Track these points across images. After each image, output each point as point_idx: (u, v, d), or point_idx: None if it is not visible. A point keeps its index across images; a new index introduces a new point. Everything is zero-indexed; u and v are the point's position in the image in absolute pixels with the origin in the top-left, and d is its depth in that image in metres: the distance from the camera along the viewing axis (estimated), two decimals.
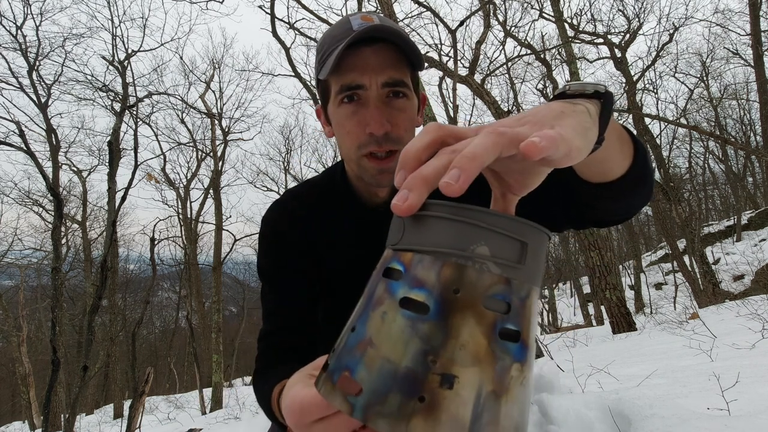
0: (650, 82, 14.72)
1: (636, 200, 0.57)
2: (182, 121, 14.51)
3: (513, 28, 10.96)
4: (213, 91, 14.43)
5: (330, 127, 0.73)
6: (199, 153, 15.06)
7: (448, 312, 0.29)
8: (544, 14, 10.73)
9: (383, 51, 0.64)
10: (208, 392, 10.09)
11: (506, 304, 0.30)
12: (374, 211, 0.78)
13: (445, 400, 0.28)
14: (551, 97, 0.46)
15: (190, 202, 15.49)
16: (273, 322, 0.77)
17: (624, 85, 11.87)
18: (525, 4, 10.88)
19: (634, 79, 11.70)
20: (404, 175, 0.29)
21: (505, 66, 12.38)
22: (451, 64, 8.38)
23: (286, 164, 17.51)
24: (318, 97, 0.75)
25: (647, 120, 11.53)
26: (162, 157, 14.69)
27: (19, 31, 9.46)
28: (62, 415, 8.94)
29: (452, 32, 8.17)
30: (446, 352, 0.28)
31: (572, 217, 0.65)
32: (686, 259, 12.34)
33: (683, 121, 14.19)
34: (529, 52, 11.10)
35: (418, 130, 0.75)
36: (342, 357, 0.32)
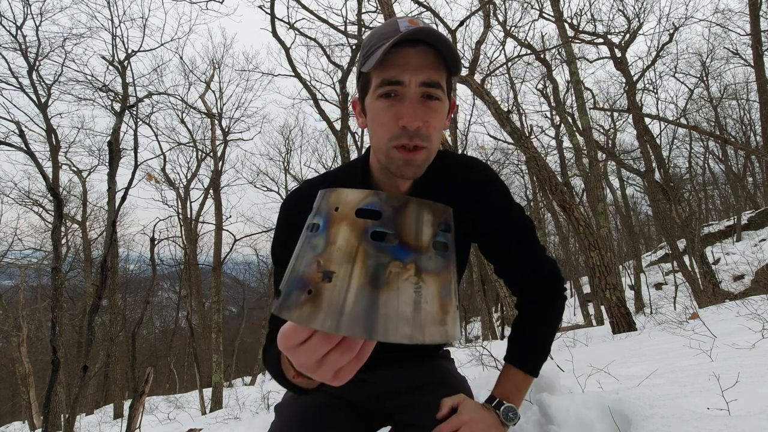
0: (650, 82, 14.73)
1: None
2: (182, 121, 14.54)
3: (513, 28, 10.97)
4: (213, 91, 14.44)
5: (364, 118, 0.77)
6: (199, 153, 15.08)
7: (330, 225, 0.38)
8: (544, 14, 10.73)
9: (424, 53, 0.68)
10: (208, 392, 10.09)
11: (376, 212, 0.37)
12: None
13: (325, 291, 0.35)
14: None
15: (190, 202, 15.50)
16: None
17: (624, 85, 11.87)
18: (525, 4, 10.89)
19: (634, 79, 11.70)
20: None
21: (505, 66, 12.40)
22: None
23: (286, 164, 17.53)
24: (357, 89, 0.79)
25: (647, 120, 11.53)
26: (162, 157, 14.72)
27: (19, 31, 9.46)
28: (62, 415, 8.94)
29: (452, 32, 8.18)
30: (327, 254, 0.37)
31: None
32: (686, 259, 12.33)
33: (683, 121, 14.19)
34: (529, 52, 11.11)
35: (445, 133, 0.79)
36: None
